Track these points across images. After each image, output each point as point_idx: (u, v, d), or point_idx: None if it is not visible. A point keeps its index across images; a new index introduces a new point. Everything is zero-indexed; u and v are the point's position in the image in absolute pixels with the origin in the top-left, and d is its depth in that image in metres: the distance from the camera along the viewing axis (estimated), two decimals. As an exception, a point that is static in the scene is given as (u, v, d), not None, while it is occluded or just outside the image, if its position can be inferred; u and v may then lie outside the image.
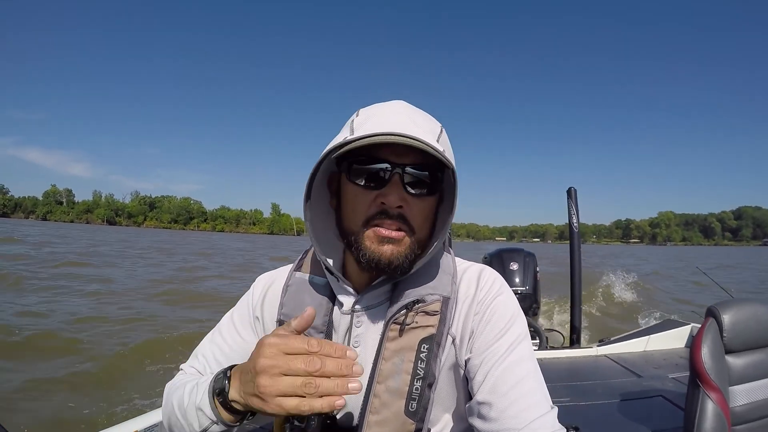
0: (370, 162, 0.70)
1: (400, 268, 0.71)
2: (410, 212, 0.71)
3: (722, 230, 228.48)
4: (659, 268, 22.43)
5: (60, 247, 23.58)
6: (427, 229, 0.75)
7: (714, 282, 3.22)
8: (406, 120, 0.70)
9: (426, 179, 0.72)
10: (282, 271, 0.91)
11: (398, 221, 0.70)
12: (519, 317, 0.76)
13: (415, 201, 0.71)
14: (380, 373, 0.72)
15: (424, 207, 0.73)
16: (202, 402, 0.68)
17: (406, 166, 0.70)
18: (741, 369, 1.49)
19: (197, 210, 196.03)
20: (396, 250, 0.70)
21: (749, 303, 1.54)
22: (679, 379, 2.81)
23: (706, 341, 1.46)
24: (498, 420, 0.65)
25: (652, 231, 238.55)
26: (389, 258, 0.70)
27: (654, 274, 17.95)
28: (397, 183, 0.69)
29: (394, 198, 0.69)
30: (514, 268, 4.22)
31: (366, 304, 0.78)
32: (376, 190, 0.70)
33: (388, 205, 0.69)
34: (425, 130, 0.70)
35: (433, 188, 0.73)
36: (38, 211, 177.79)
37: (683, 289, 13.67)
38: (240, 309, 0.89)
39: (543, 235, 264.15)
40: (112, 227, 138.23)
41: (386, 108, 0.73)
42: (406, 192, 0.70)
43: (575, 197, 4.11)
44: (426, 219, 0.74)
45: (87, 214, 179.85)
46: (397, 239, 0.70)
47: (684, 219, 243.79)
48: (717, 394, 1.41)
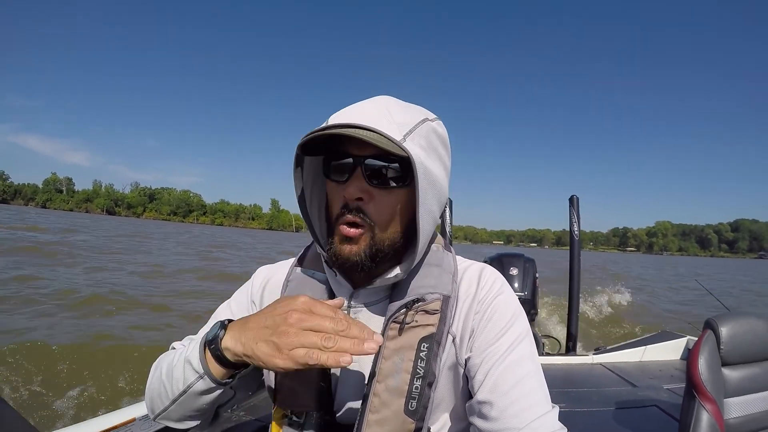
0: (339, 157, 0.71)
1: (358, 264, 0.71)
2: (372, 205, 0.70)
3: (719, 242, 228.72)
4: (654, 279, 22.51)
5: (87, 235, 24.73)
6: (399, 224, 0.73)
7: (712, 295, 3.22)
8: (375, 112, 0.68)
9: (389, 170, 0.69)
10: (283, 265, 0.90)
11: (356, 215, 0.69)
12: (520, 316, 0.75)
13: (381, 193, 0.70)
14: (380, 371, 0.71)
15: (391, 199, 0.71)
16: (191, 354, 0.68)
17: (368, 157, 0.68)
18: (737, 382, 1.50)
19: (196, 203, 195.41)
20: (353, 249, 0.70)
21: (747, 317, 1.55)
22: (674, 390, 2.81)
23: (704, 353, 1.47)
24: (498, 419, 0.65)
25: (649, 240, 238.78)
26: (347, 256, 0.70)
27: (648, 285, 17.95)
28: (358, 175, 0.69)
29: (352, 190, 0.68)
30: (514, 273, 4.22)
31: (364, 300, 0.78)
32: (343, 183, 0.70)
33: (347, 197, 0.69)
34: (394, 121, 0.68)
35: (400, 180, 0.70)
36: (38, 198, 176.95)
37: (677, 301, 13.70)
38: (238, 298, 0.89)
39: (540, 240, 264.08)
40: (112, 217, 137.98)
41: (363, 102, 0.72)
42: (369, 184, 0.69)
43: (577, 205, 4.11)
44: (392, 212, 0.72)
45: (87, 203, 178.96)
46: (354, 237, 0.70)
47: (681, 229, 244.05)
48: (712, 406, 1.42)
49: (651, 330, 4.35)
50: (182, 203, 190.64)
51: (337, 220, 0.71)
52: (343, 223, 0.70)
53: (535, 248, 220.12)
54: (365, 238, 0.70)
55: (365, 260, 0.71)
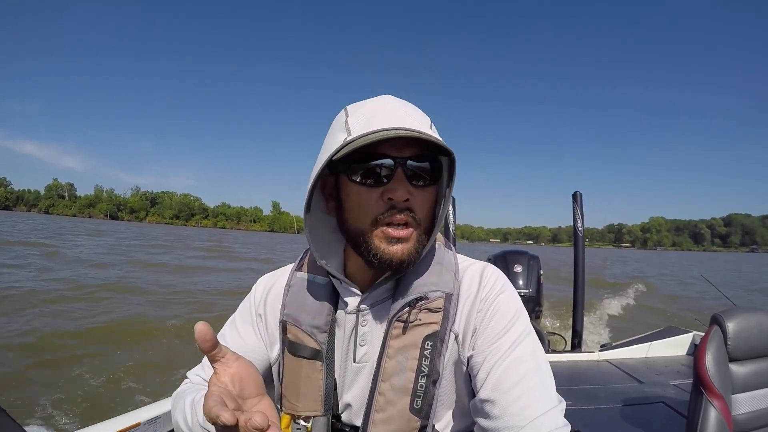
0: (370, 159, 0.68)
1: (410, 264, 0.71)
2: (416, 204, 0.70)
3: (711, 236, 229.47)
4: (653, 274, 22.59)
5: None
6: (430, 220, 0.74)
7: (718, 290, 3.18)
8: (402, 113, 0.69)
9: (427, 170, 0.71)
10: (283, 271, 0.89)
11: (406, 215, 0.69)
12: (522, 314, 0.74)
13: (419, 193, 0.70)
14: (385, 371, 0.71)
15: (428, 197, 0.72)
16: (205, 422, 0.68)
17: (408, 159, 0.68)
18: (744, 377, 1.48)
19: (198, 206, 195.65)
20: (406, 248, 0.69)
21: (754, 312, 1.53)
22: (680, 386, 2.78)
23: (710, 348, 1.45)
24: (501, 417, 0.64)
25: (644, 236, 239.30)
26: (401, 257, 0.69)
27: (649, 280, 17.98)
28: (401, 177, 0.68)
29: (402, 192, 0.67)
30: (518, 270, 4.18)
31: (371, 302, 0.77)
32: (381, 186, 0.68)
33: (396, 200, 0.68)
34: (420, 121, 0.69)
35: (434, 178, 0.72)
36: (41, 204, 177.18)
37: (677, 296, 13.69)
38: (241, 312, 0.87)
39: (536, 237, 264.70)
40: (116, 222, 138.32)
41: (378, 103, 0.71)
42: (410, 185, 0.69)
43: (581, 202, 4.07)
44: (430, 209, 0.74)
45: (89, 208, 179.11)
46: (406, 238, 0.69)
47: (675, 224, 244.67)
48: (720, 402, 1.40)
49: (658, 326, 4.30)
50: (184, 207, 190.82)
51: (377, 221, 0.69)
52: (389, 224, 0.69)
53: (532, 245, 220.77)
54: (414, 237, 0.70)
55: (414, 259, 0.71)
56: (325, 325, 0.77)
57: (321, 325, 0.77)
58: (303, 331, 0.77)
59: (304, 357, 0.76)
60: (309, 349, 0.76)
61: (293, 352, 0.77)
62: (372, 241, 0.70)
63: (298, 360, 0.77)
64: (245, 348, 0.81)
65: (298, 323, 0.77)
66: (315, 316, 0.77)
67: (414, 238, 0.70)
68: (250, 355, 0.79)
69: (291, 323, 0.78)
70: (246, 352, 0.79)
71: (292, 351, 0.77)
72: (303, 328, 0.77)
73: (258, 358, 0.81)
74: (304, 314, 0.78)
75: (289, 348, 0.78)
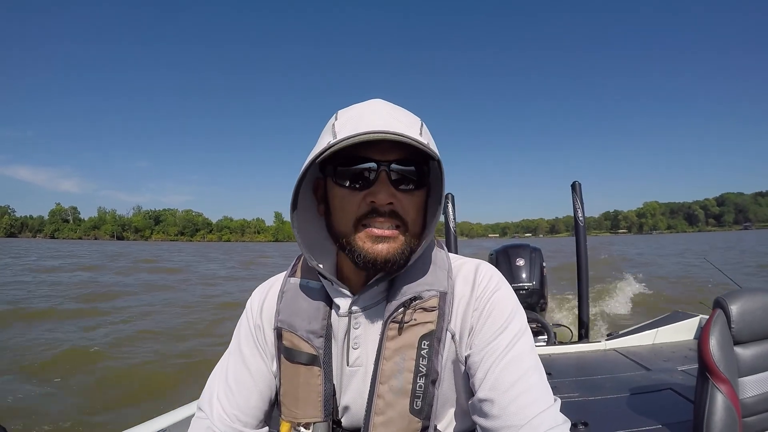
0: (356, 162, 0.68)
1: (397, 264, 0.69)
2: (401, 208, 0.68)
3: (705, 217, 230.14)
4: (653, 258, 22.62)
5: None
6: (420, 224, 0.73)
7: (722, 272, 3.13)
8: (388, 117, 0.67)
9: (413, 174, 0.69)
10: (276, 278, 0.87)
11: (390, 218, 0.68)
12: (518, 312, 0.73)
13: (405, 197, 0.69)
14: (382, 373, 0.70)
15: (415, 201, 0.71)
16: None
17: (392, 162, 0.67)
18: (750, 360, 1.45)
19: (202, 222, 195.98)
20: (392, 248, 0.68)
21: (757, 293, 1.49)
22: (688, 372, 2.74)
23: (714, 333, 1.43)
24: (500, 417, 0.63)
25: (639, 221, 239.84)
26: (386, 256, 0.68)
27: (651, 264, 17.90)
28: (384, 180, 0.67)
29: (384, 195, 0.66)
30: (521, 264, 4.11)
31: (363, 304, 0.75)
32: (364, 189, 0.68)
33: (378, 203, 0.67)
34: (406, 125, 0.67)
35: (420, 182, 0.71)
36: (46, 229, 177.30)
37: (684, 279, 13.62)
38: (241, 332, 0.84)
39: (534, 230, 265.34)
40: (122, 242, 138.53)
41: (366, 107, 0.70)
42: (394, 189, 0.68)
43: (580, 191, 4.03)
44: (418, 213, 0.72)
45: (94, 230, 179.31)
46: (391, 237, 0.68)
47: (669, 208, 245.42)
48: (726, 386, 1.38)
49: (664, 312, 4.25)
50: (188, 223, 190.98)
51: (359, 223, 0.69)
52: (373, 225, 0.68)
53: (531, 238, 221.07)
54: (401, 238, 0.69)
55: (402, 258, 0.69)
56: (321, 329, 0.76)
57: (317, 330, 0.75)
58: (299, 337, 0.75)
59: (302, 363, 0.75)
60: (306, 354, 0.74)
61: (290, 358, 0.75)
62: (356, 242, 0.69)
63: (295, 366, 0.75)
64: (251, 380, 0.79)
65: (294, 329, 0.76)
66: (310, 321, 0.76)
67: (401, 239, 0.69)
68: (258, 383, 0.78)
69: (286, 329, 0.76)
70: (255, 383, 0.79)
71: (289, 357, 0.76)
72: (299, 333, 0.75)
73: (265, 380, 0.79)
74: (299, 319, 0.76)
75: (286, 355, 0.76)
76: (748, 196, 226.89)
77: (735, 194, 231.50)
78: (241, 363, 0.80)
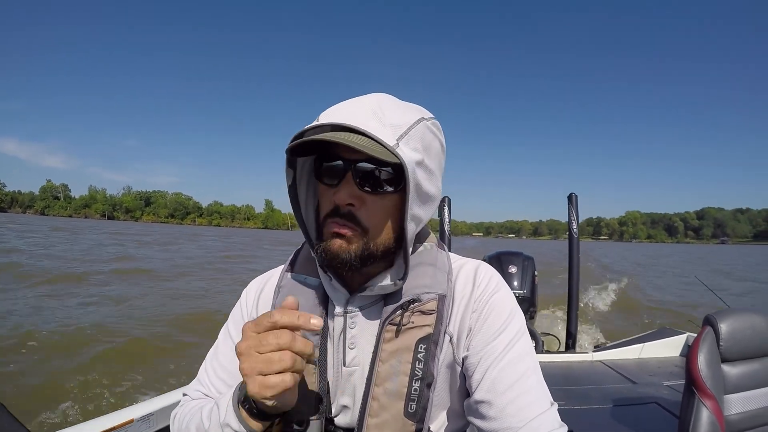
0: (330, 159, 0.66)
1: (347, 263, 0.66)
2: (364, 210, 0.65)
3: (685, 229, 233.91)
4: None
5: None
6: (386, 227, 0.68)
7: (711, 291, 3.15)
8: (367, 112, 0.63)
9: (379, 174, 0.64)
10: (273, 272, 0.85)
11: (346, 220, 0.65)
12: (517, 314, 0.72)
13: (373, 198, 0.65)
14: (378, 375, 0.68)
15: (384, 204, 0.66)
16: (228, 416, 0.63)
17: (360, 161, 0.63)
18: (737, 378, 1.45)
19: (192, 205, 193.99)
20: (343, 245, 0.65)
21: (747, 312, 1.50)
22: (673, 387, 2.76)
23: (703, 349, 1.42)
24: (497, 419, 0.62)
25: (621, 229, 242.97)
26: (336, 251, 0.65)
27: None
28: (348, 180, 0.64)
29: (343, 195, 0.64)
30: (513, 271, 4.12)
31: (358, 304, 0.73)
32: (334, 187, 0.66)
33: (337, 203, 0.65)
34: (386, 123, 0.62)
35: (393, 183, 0.65)
36: (36, 205, 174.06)
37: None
38: (234, 318, 0.83)
39: (518, 231, 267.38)
40: (113, 222, 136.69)
41: (353, 100, 0.67)
42: (360, 189, 0.64)
43: (576, 203, 4.04)
44: (386, 216, 0.67)
45: (85, 209, 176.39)
46: (345, 235, 0.65)
47: (650, 218, 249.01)
48: (712, 402, 1.37)
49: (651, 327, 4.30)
50: (179, 206, 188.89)
51: (326, 221, 0.67)
52: (333, 224, 0.66)
53: (514, 239, 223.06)
54: (357, 241, 0.66)
55: (355, 260, 0.66)
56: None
57: None
58: None
59: None
60: None
61: None
62: (322, 239, 0.68)
63: None
64: None
65: None
66: None
67: (356, 240, 0.66)
68: None
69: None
70: None
71: None
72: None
73: None
74: None
75: None
76: (727, 212, 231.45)
77: (715, 209, 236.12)
78: (232, 352, 0.77)
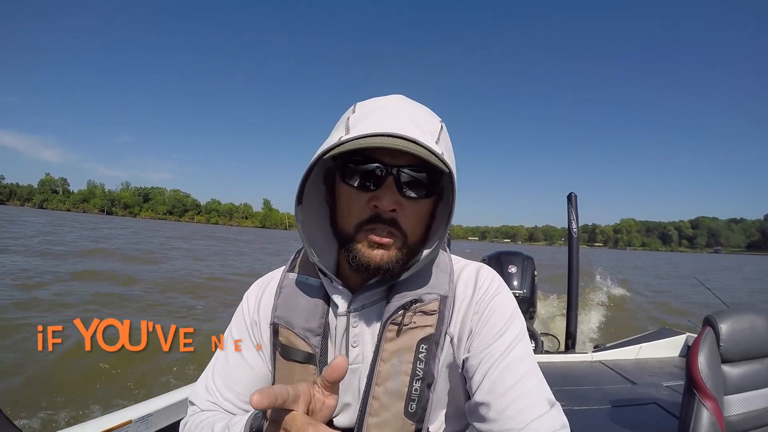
0: (365, 162, 0.64)
1: (389, 272, 0.67)
2: (404, 216, 0.66)
3: (679, 238, 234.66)
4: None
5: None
6: (420, 232, 0.70)
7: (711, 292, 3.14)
8: (405, 119, 0.63)
9: (423, 181, 0.66)
10: (274, 273, 0.85)
11: (390, 226, 0.65)
12: (517, 316, 0.72)
13: (410, 204, 0.66)
14: (378, 374, 0.68)
15: (420, 210, 0.68)
16: None
17: (402, 167, 0.64)
18: (737, 379, 1.45)
19: (191, 203, 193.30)
20: (386, 255, 0.66)
21: (747, 313, 1.50)
22: (673, 388, 2.75)
23: (703, 350, 1.42)
24: (497, 420, 0.62)
25: (615, 236, 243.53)
26: (378, 263, 0.66)
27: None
28: (390, 185, 0.64)
29: (388, 201, 0.64)
30: (513, 271, 4.12)
31: (361, 303, 0.73)
32: (370, 192, 0.65)
33: (381, 208, 0.64)
34: (425, 130, 0.64)
35: (430, 190, 0.67)
36: (35, 198, 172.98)
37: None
38: (236, 322, 0.82)
39: (513, 236, 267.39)
40: (113, 217, 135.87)
41: (384, 105, 0.67)
42: (400, 194, 0.65)
43: (575, 203, 4.02)
44: (420, 222, 0.69)
45: (83, 203, 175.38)
46: (387, 245, 0.65)
47: (645, 226, 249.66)
48: (712, 403, 1.37)
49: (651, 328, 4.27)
50: (177, 203, 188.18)
51: (362, 227, 0.66)
52: (374, 232, 0.65)
53: (509, 243, 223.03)
54: (397, 246, 0.66)
55: (396, 267, 0.67)
56: (319, 327, 0.74)
57: (314, 328, 0.73)
58: (295, 335, 0.73)
59: (297, 361, 0.72)
60: (302, 353, 0.72)
61: (286, 356, 0.73)
62: (355, 245, 0.67)
63: (290, 364, 0.73)
64: (244, 365, 0.78)
65: (291, 326, 0.73)
66: (308, 319, 0.73)
67: (396, 248, 0.66)
68: (255, 374, 0.77)
69: (283, 326, 0.74)
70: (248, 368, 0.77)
71: (285, 355, 0.73)
72: (295, 331, 0.73)
73: (261, 372, 0.78)
74: (297, 317, 0.74)
75: (282, 352, 0.74)
76: (722, 222, 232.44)
77: (710, 219, 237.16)
78: (243, 361, 0.78)
